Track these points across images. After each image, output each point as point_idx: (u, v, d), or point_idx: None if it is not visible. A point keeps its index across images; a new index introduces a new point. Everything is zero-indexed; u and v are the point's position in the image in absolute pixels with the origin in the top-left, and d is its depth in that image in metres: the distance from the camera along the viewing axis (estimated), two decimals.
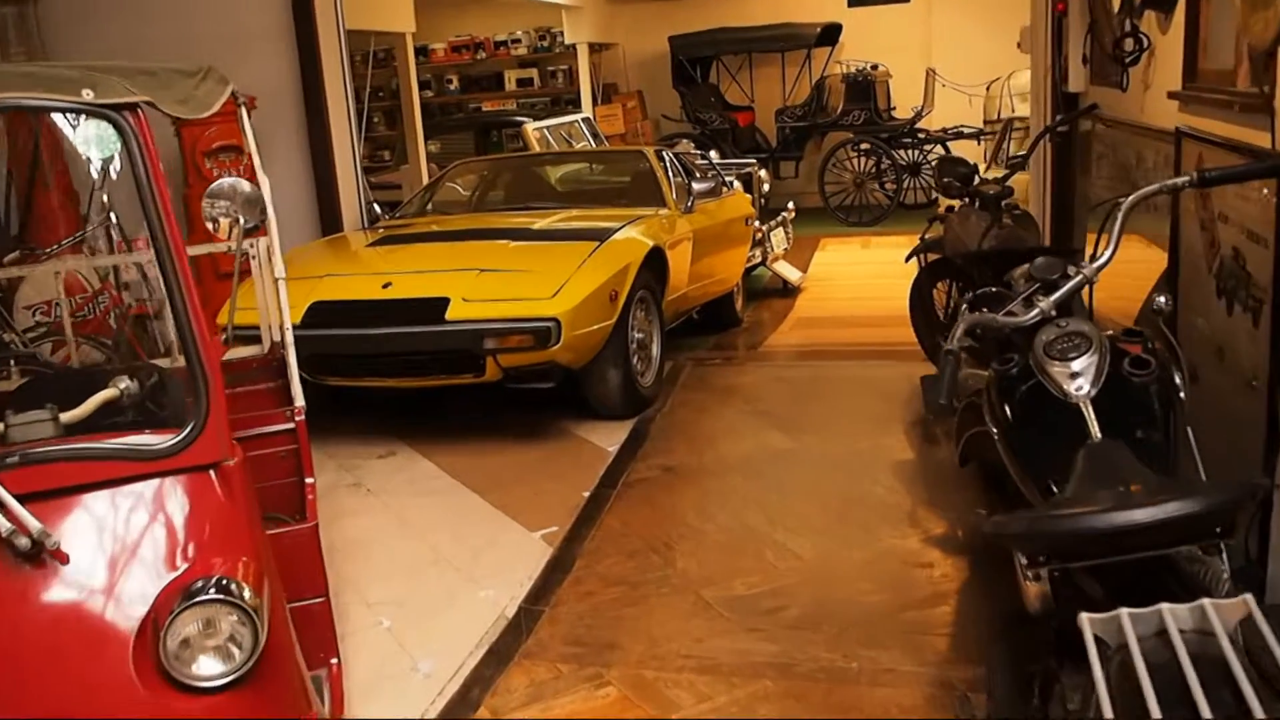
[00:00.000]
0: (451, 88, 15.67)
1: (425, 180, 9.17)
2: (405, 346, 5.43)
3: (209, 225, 2.83)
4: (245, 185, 2.95)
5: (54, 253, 5.92)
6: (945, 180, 5.42)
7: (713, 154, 13.18)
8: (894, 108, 14.35)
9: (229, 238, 2.84)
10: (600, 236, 6.06)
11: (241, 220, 2.85)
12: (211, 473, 2.65)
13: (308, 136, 7.43)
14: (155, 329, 5.61)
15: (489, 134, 12.91)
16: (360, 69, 13.24)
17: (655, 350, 6.35)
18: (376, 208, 7.46)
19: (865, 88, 14.09)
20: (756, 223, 8.92)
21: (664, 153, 7.73)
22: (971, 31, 14.33)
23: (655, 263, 6.29)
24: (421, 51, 15.52)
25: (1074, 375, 2.73)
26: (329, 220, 7.39)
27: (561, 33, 14.28)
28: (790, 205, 10.63)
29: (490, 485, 5.30)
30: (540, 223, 6.58)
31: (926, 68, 14.04)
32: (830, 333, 8.25)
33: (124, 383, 2.83)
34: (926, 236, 6.05)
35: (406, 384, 5.76)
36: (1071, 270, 2.95)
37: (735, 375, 6.95)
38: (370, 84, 14.11)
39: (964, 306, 3.42)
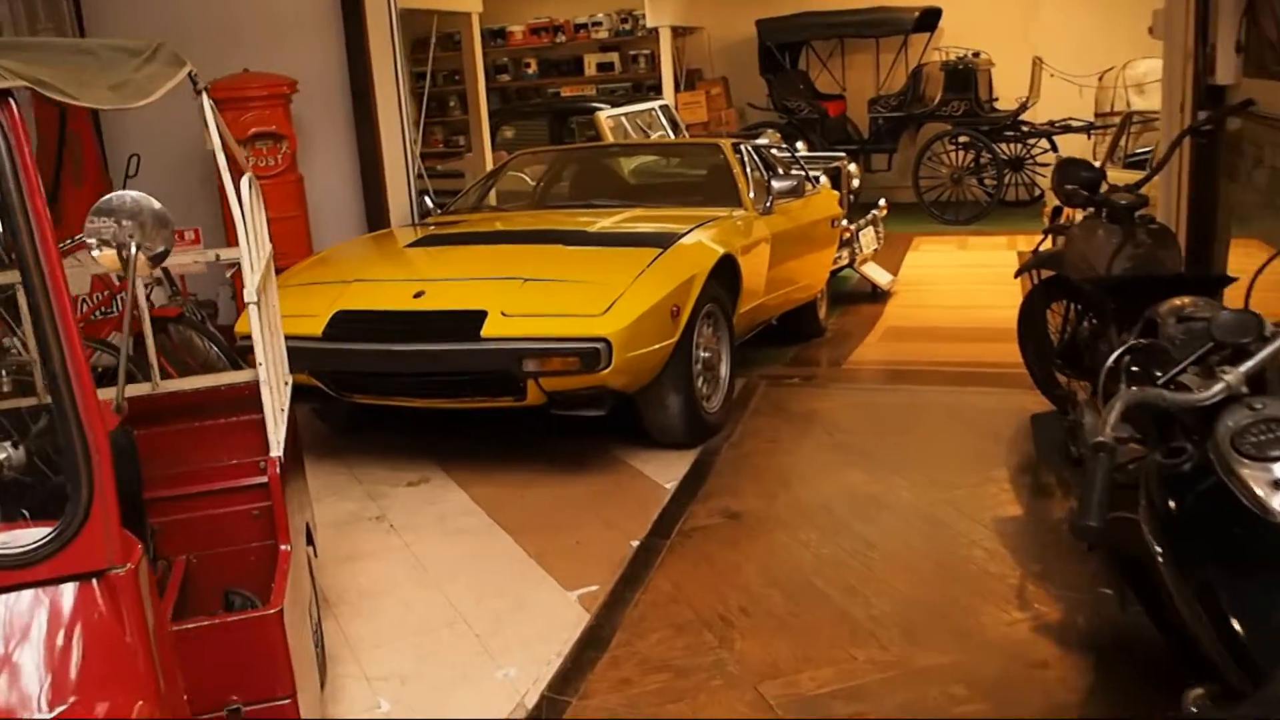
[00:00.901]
0: (529, 72, 15.01)
1: (489, 169, 8.49)
2: (434, 366, 4.76)
3: (92, 253, 2.13)
4: (152, 203, 2.24)
5: None
6: (1067, 186, 4.58)
7: (800, 145, 12.37)
8: (996, 98, 13.35)
9: (128, 268, 2.13)
10: (664, 242, 5.32)
11: (134, 249, 2.13)
12: (95, 583, 1.97)
13: (354, 124, 6.80)
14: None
15: (564, 121, 12.20)
16: (424, 52, 12.70)
17: (724, 371, 5.60)
18: (429, 201, 6.78)
19: (965, 77, 13.11)
20: (845, 222, 8.09)
21: (742, 146, 6.94)
22: (1083, 17, 13.27)
23: (726, 272, 5.54)
24: (499, 34, 14.90)
25: (1279, 484, 1.93)
26: (375, 215, 6.76)
27: (643, 16, 13.51)
28: (882, 202, 9.79)
29: (528, 525, 4.61)
30: (600, 224, 5.85)
31: (1033, 56, 13.01)
32: (923, 347, 7.42)
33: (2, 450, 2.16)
34: (1041, 249, 5.20)
35: (439, 405, 5.08)
36: (1270, 331, 2.14)
37: (815, 398, 6.17)
38: (445, 67, 13.62)
39: (1116, 377, 2.60)
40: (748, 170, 6.65)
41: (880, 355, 7.26)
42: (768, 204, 6.42)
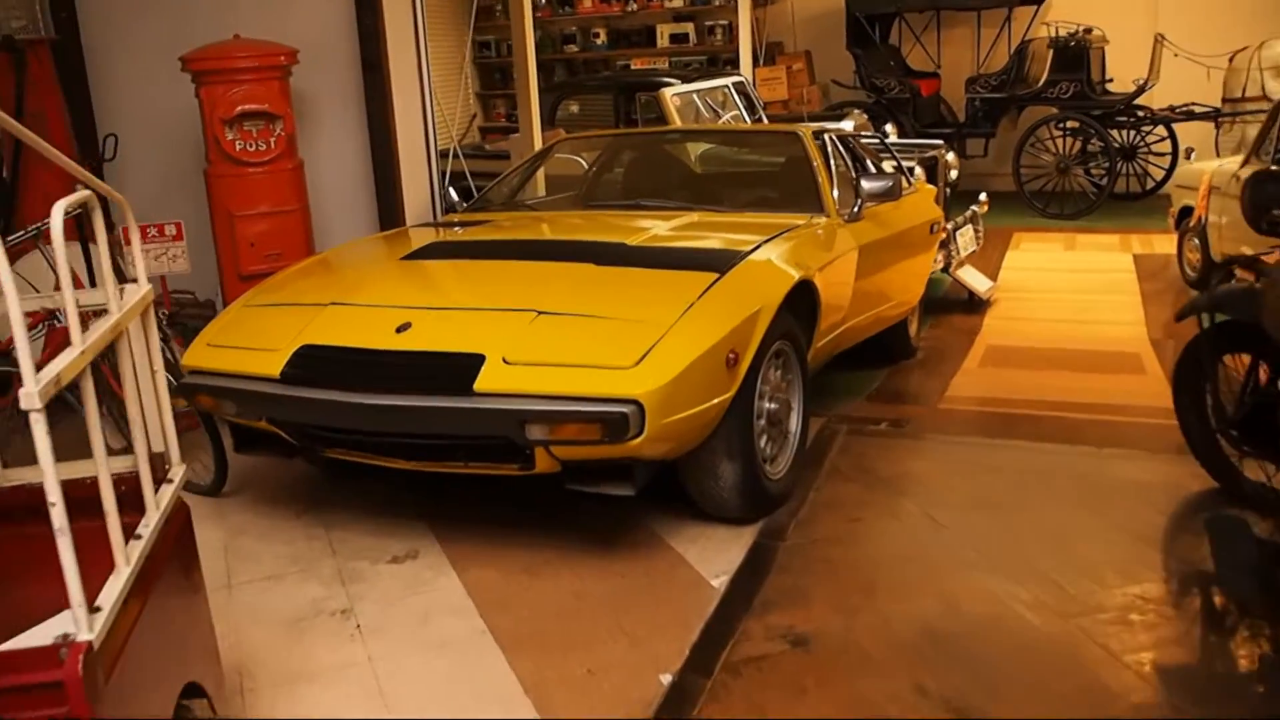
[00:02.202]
0: (598, 42, 13.79)
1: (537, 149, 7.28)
2: (410, 425, 3.61)
3: None
4: None
5: None
6: (1275, 212, 3.28)
7: (889, 129, 11.04)
8: (1109, 79, 11.84)
9: None
10: (723, 264, 4.10)
11: None
12: None
13: (364, 101, 5.64)
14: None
15: (631, 96, 10.96)
16: (488, 19, 11.49)
17: (794, 424, 4.38)
18: (453, 194, 5.61)
19: (1076, 55, 11.60)
20: (943, 222, 6.79)
21: (825, 135, 5.67)
22: None
23: (802, 299, 4.31)
24: (567, 1, 13.71)
25: None
26: (388, 209, 5.62)
27: None
28: (983, 197, 8.43)
29: (529, 637, 3.46)
30: (647, 233, 4.61)
31: (1154, 33, 11.46)
32: (1034, 378, 6.11)
33: None
34: (1220, 289, 3.89)
35: (425, 469, 3.93)
36: None
37: (907, 455, 4.90)
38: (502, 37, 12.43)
39: None
40: (831, 165, 5.39)
41: (983, 388, 5.96)
42: (855, 208, 5.16)
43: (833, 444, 4.94)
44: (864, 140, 6.58)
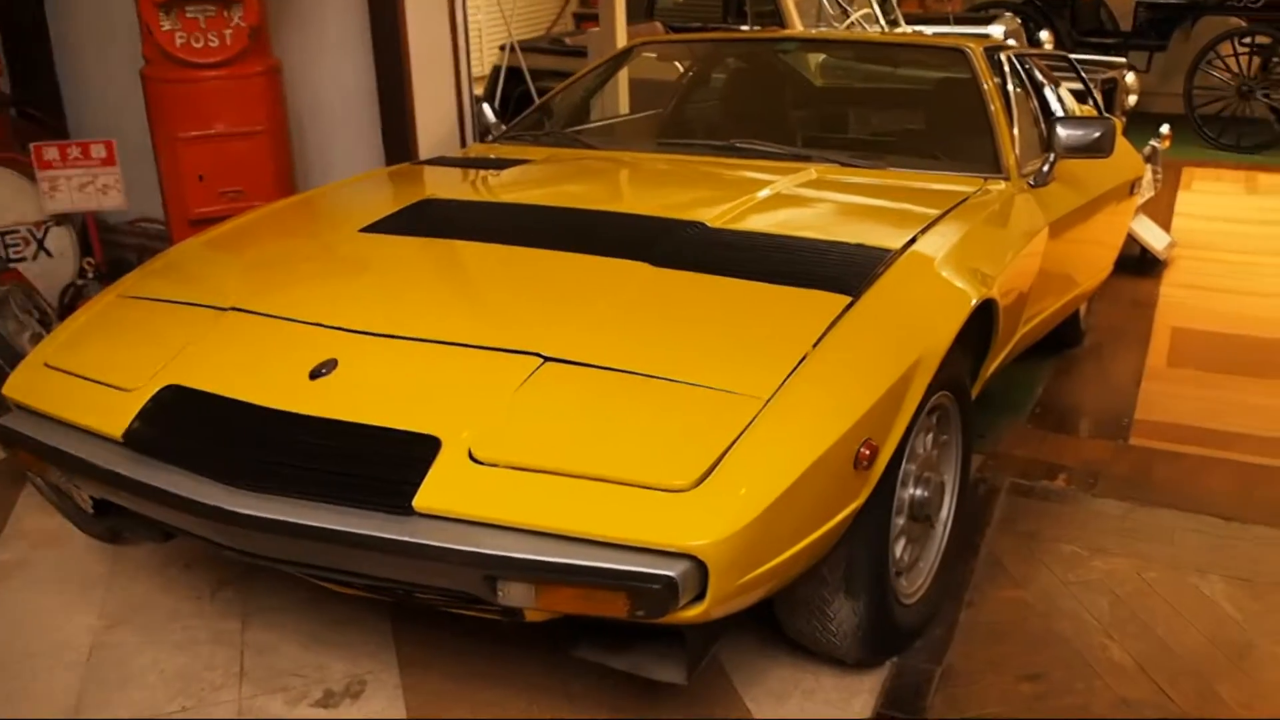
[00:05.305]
0: None
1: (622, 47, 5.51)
2: (310, 555, 2.04)
3: None
4: None
5: None
6: None
7: (1043, 35, 8.98)
8: None
9: None
10: (859, 274, 2.41)
11: None
12: None
13: None
14: None
15: None
16: None
17: (945, 511, 2.73)
18: (488, 111, 3.93)
19: None
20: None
21: (1003, 55, 3.86)
22: None
23: (975, 323, 2.62)
24: None
25: None
26: (396, 134, 3.96)
27: None
28: (1165, 129, 6.45)
29: None
30: (740, 204, 2.91)
31: None
32: (1245, 390, 4.34)
33: None
34: None
35: (356, 594, 2.37)
36: None
37: (1100, 535, 3.20)
38: None
39: None
40: (1012, 102, 3.60)
41: (1183, 407, 4.19)
42: (1046, 167, 3.40)
43: (990, 513, 3.27)
44: (1043, 58, 4.71)
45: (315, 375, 2.18)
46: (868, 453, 2.08)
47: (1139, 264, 6.12)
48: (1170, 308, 5.52)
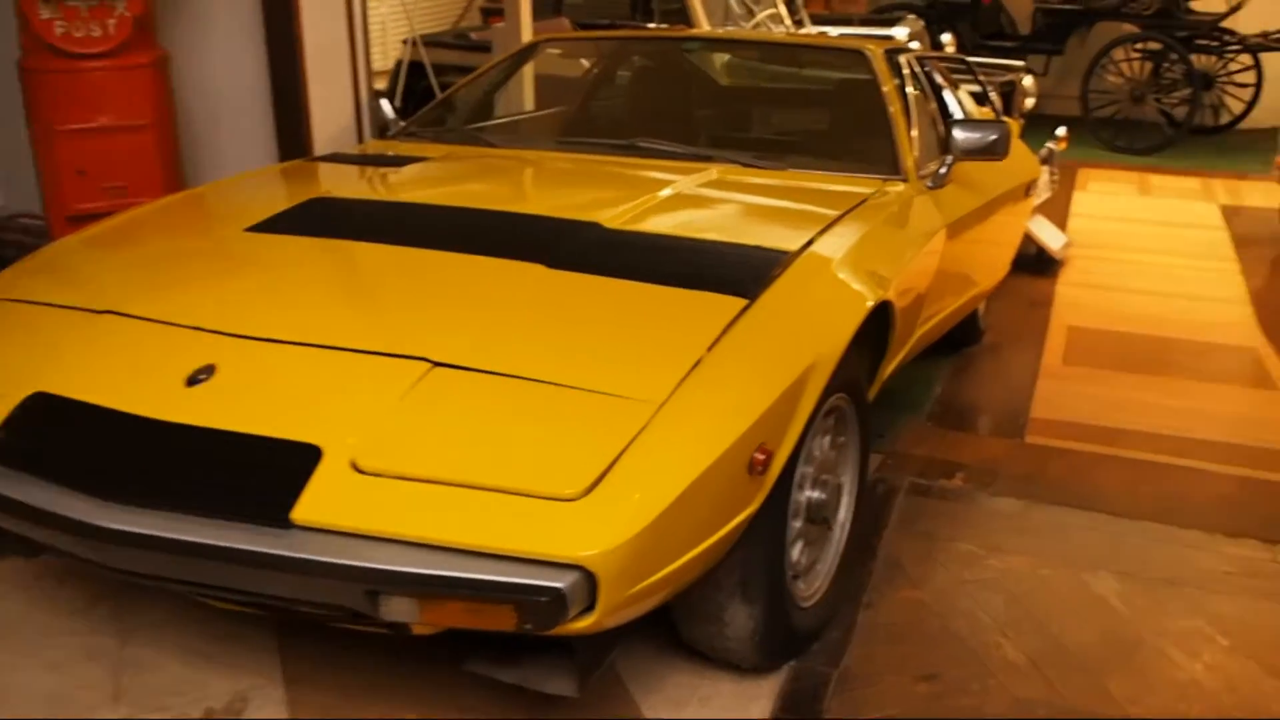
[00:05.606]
0: None
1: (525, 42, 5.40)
2: (184, 571, 1.94)
3: None
4: None
5: None
6: None
7: (945, 39, 9.10)
8: None
9: None
10: (755, 276, 2.38)
11: None
12: None
13: None
14: None
15: None
16: None
17: (843, 512, 2.72)
18: (386, 107, 3.83)
19: None
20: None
21: (902, 58, 3.87)
22: None
23: (871, 325, 2.62)
24: None
25: None
26: (290, 129, 3.84)
27: None
28: (1062, 131, 6.58)
29: None
30: (637, 205, 2.87)
31: None
32: (1136, 387, 4.44)
33: None
34: None
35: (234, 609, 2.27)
36: None
37: (998, 533, 3.22)
38: None
39: None
40: (911, 104, 3.62)
41: (1077, 404, 4.26)
42: (944, 169, 3.43)
43: (889, 513, 3.27)
44: (942, 61, 4.75)
45: (193, 382, 2.08)
46: (762, 457, 2.05)
47: (1036, 263, 6.24)
48: (1066, 306, 5.63)
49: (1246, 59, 9.96)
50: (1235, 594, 2.91)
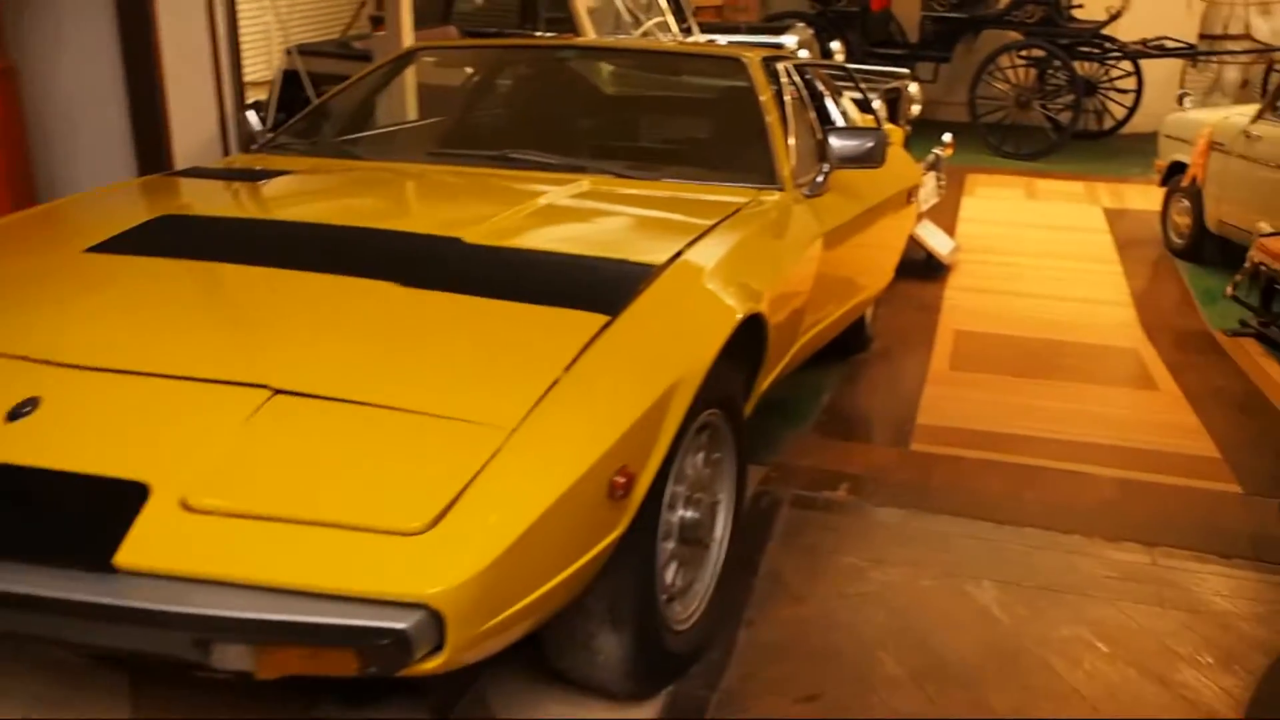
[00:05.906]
0: None
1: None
2: (4, 624, 1.79)
3: None
4: None
5: None
6: None
7: (834, 46, 9.17)
8: (1079, 4, 10.07)
9: None
10: (618, 291, 2.30)
11: None
12: None
13: None
14: None
15: None
16: None
17: (720, 529, 2.65)
18: (253, 118, 3.68)
19: None
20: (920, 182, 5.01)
21: (779, 66, 3.84)
22: None
23: (744, 337, 2.55)
24: None
25: None
26: (149, 141, 3.65)
27: None
28: (947, 138, 6.66)
29: None
30: (500, 219, 2.75)
31: None
32: (1021, 392, 4.48)
33: None
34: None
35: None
36: None
37: (881, 543, 3.19)
38: None
39: None
40: (788, 112, 3.58)
41: (962, 411, 4.27)
42: (821, 178, 3.39)
43: (772, 527, 3.22)
44: (823, 69, 4.74)
45: (14, 416, 1.92)
46: (624, 480, 1.97)
47: (924, 269, 6.29)
48: (954, 311, 5.68)
49: (1127, 66, 10.24)
50: (1115, 599, 2.91)
